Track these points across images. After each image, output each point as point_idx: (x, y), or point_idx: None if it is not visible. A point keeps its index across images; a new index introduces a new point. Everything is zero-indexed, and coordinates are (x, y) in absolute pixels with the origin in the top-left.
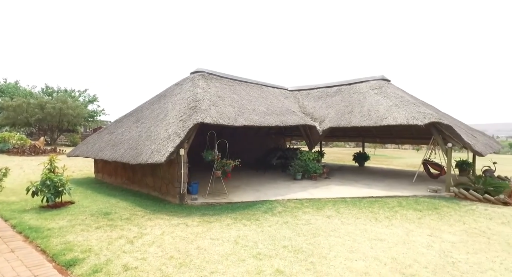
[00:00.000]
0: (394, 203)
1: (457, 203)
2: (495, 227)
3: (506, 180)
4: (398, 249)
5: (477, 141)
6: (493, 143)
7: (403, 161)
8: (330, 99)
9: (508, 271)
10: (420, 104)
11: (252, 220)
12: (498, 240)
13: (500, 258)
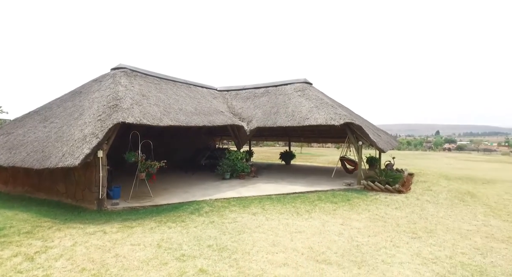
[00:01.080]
0: (315, 197)
1: (366, 194)
2: (390, 212)
3: (401, 172)
4: (314, 239)
5: (381, 139)
6: (393, 141)
7: (325, 158)
8: (258, 100)
9: (395, 247)
10: (337, 106)
11: (177, 222)
12: (391, 223)
13: (391, 237)
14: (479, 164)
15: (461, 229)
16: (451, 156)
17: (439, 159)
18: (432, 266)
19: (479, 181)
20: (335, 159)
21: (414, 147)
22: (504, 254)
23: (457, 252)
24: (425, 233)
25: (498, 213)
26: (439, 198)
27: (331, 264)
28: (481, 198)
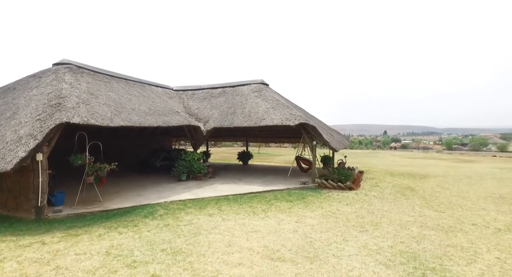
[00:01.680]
0: (271, 196)
1: (319, 192)
2: (342, 208)
3: (353, 170)
4: (270, 237)
5: (334, 139)
6: (345, 140)
7: (282, 158)
8: (215, 100)
9: (345, 241)
10: (293, 107)
11: (129, 226)
12: (342, 218)
13: (341, 232)
14: (418, 161)
15: (401, 220)
16: (396, 154)
17: (386, 157)
18: (376, 256)
19: (417, 176)
20: (291, 158)
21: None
22: (433, 240)
23: (397, 242)
24: (371, 226)
25: (431, 204)
26: (385, 193)
27: (285, 261)
28: (418, 192)
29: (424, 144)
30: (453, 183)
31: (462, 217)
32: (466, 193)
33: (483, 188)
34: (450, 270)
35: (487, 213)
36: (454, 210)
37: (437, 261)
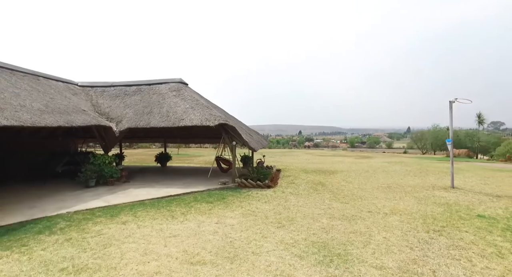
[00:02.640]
0: (191, 198)
1: (239, 191)
2: (261, 206)
3: (271, 169)
4: (189, 241)
5: (253, 139)
6: (263, 140)
7: (202, 159)
8: (129, 99)
9: (264, 238)
10: (212, 107)
11: (14, 247)
12: (261, 216)
13: (260, 229)
14: (328, 158)
15: (314, 214)
16: (310, 152)
17: (301, 155)
18: (292, 249)
19: (327, 172)
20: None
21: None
22: (339, 229)
23: (310, 234)
24: (288, 222)
25: (338, 197)
26: (299, 189)
27: (205, 264)
28: (328, 186)
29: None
30: (355, 177)
31: (361, 206)
32: (364, 185)
33: (376, 180)
34: (351, 254)
35: (379, 201)
36: (355, 201)
37: (342, 247)
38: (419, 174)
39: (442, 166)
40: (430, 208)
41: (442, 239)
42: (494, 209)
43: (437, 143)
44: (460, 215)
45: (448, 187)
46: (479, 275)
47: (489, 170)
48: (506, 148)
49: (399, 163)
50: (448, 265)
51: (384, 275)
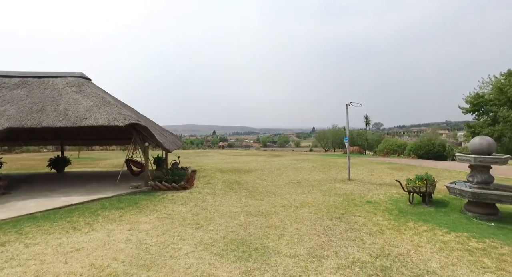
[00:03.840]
0: (97, 206)
1: (154, 195)
2: (177, 208)
3: (186, 169)
4: (97, 253)
5: (167, 140)
6: (178, 140)
7: (109, 162)
8: (10, 93)
9: (182, 240)
10: (121, 106)
11: None
12: (178, 218)
13: (178, 232)
14: (242, 158)
15: (231, 212)
16: (224, 152)
17: (216, 155)
18: (211, 249)
19: (242, 171)
20: (121, 162)
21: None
22: (256, 225)
23: (229, 232)
24: (206, 222)
25: (253, 195)
26: (216, 189)
27: (117, 276)
28: (244, 185)
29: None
30: (268, 174)
31: (275, 202)
32: (277, 181)
33: (287, 176)
34: (268, 246)
35: (290, 195)
36: (270, 197)
37: (259, 242)
38: (323, 169)
39: (341, 162)
40: (332, 198)
41: (342, 225)
42: (378, 195)
43: (336, 141)
44: (355, 203)
45: (346, 179)
46: (368, 250)
47: (374, 163)
48: (384, 144)
49: (306, 160)
50: (346, 246)
51: (297, 262)
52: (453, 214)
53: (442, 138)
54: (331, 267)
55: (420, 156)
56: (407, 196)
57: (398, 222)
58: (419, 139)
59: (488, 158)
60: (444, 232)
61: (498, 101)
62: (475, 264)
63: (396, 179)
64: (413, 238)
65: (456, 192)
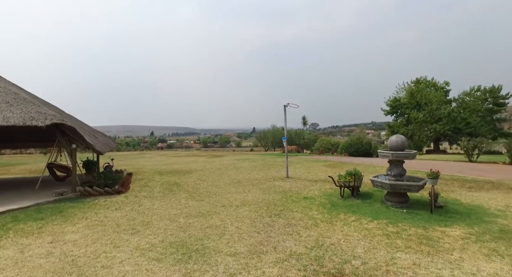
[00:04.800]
0: (8, 219)
1: (83, 201)
2: (110, 214)
3: (121, 173)
4: (7, 274)
5: (98, 141)
6: (111, 142)
7: (26, 167)
8: None
9: (116, 247)
10: (41, 104)
11: None
12: (111, 225)
13: (111, 239)
14: (182, 159)
15: (170, 215)
16: (163, 153)
17: (154, 157)
18: (148, 254)
19: (182, 173)
20: (40, 167)
21: (133, 147)
22: (196, 226)
23: (168, 235)
24: (143, 227)
25: (193, 196)
26: (154, 192)
27: None
28: (183, 186)
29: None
30: (209, 175)
31: (215, 202)
32: (218, 182)
33: (228, 176)
34: (209, 247)
35: (231, 195)
36: (210, 197)
37: (199, 242)
38: (263, 168)
39: (280, 161)
40: (272, 196)
41: (280, 221)
42: (313, 191)
43: (276, 141)
44: (293, 199)
45: (284, 177)
46: (304, 242)
47: (310, 161)
48: (320, 144)
49: (246, 160)
50: (284, 240)
51: (237, 259)
52: (376, 204)
53: (369, 137)
54: (270, 261)
55: (351, 153)
56: (339, 190)
57: (331, 215)
58: (349, 138)
59: (402, 154)
60: (368, 220)
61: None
62: (391, 246)
63: (329, 176)
64: (343, 229)
65: (378, 185)
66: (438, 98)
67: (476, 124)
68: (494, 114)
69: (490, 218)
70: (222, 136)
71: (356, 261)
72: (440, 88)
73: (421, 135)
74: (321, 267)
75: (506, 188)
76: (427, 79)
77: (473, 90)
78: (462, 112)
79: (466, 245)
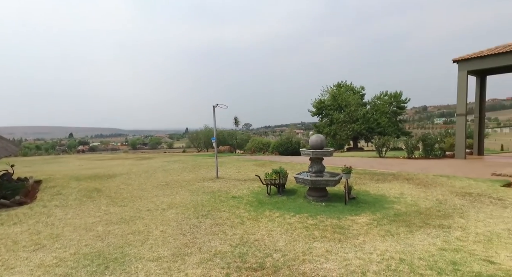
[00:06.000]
0: None
1: None
2: (6, 230)
3: (25, 181)
4: None
5: None
6: (11, 146)
7: None
8: None
9: (10, 269)
10: None
11: None
12: (6, 243)
13: (3, 260)
14: (106, 162)
15: (87, 223)
16: (84, 157)
17: (72, 162)
18: (55, 270)
19: (104, 177)
20: None
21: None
22: (117, 233)
23: (81, 246)
24: (50, 240)
25: (116, 201)
26: (69, 200)
27: None
28: (105, 192)
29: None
30: (135, 178)
31: (141, 206)
32: (144, 185)
33: (156, 179)
34: (129, 254)
35: (158, 198)
36: (135, 202)
37: (119, 251)
38: (193, 169)
39: (211, 161)
40: (200, 197)
41: (207, 221)
42: (242, 190)
43: (208, 142)
44: (221, 199)
45: (214, 178)
46: (229, 241)
47: (241, 161)
48: (252, 143)
49: (177, 161)
50: (210, 240)
51: (160, 264)
52: (299, 200)
53: (298, 137)
54: (194, 262)
55: (281, 152)
56: (266, 188)
57: (257, 212)
58: (280, 138)
59: (321, 152)
60: (291, 215)
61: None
62: (309, 237)
63: (256, 174)
64: (268, 225)
65: (301, 181)
66: (356, 101)
67: (385, 124)
68: (398, 115)
69: (389, 204)
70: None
71: (277, 254)
72: (357, 92)
73: (342, 134)
74: (244, 263)
75: (402, 179)
76: (347, 84)
77: (382, 94)
78: (374, 113)
79: (369, 229)
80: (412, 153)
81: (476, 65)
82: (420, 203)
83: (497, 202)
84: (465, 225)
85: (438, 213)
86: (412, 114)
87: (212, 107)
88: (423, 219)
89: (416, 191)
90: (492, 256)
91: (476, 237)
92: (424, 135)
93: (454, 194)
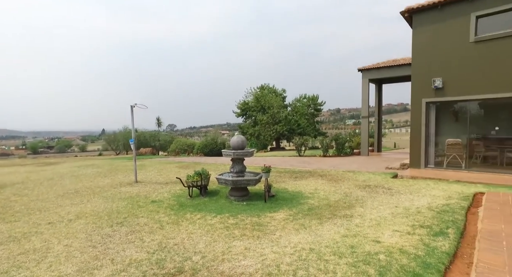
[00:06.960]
0: None
1: None
2: None
3: None
4: None
5: None
6: None
7: None
8: None
9: None
10: None
11: None
12: None
13: None
14: None
15: None
16: None
17: None
18: None
19: None
20: None
21: None
22: (1, 256)
23: None
24: None
25: (3, 217)
26: None
27: None
28: None
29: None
30: (33, 188)
31: (39, 220)
32: (46, 194)
33: (62, 186)
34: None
35: (63, 208)
36: (31, 215)
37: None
38: (109, 174)
39: (130, 164)
40: (116, 204)
41: (123, 229)
42: (163, 194)
43: (128, 144)
44: (139, 204)
45: (133, 182)
46: (146, 248)
47: (164, 163)
48: (176, 145)
49: (90, 166)
50: (125, 250)
51: None
52: (221, 200)
53: (224, 137)
54: (104, 276)
55: (206, 153)
56: (188, 191)
57: (178, 215)
58: (205, 138)
59: (242, 152)
60: (212, 216)
61: (256, 108)
62: (229, 236)
63: (177, 177)
64: (188, 227)
65: (222, 182)
66: (278, 103)
67: (304, 125)
68: (315, 117)
69: (304, 200)
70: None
71: (196, 257)
72: (279, 94)
73: (265, 135)
74: (161, 269)
75: (317, 175)
76: (269, 86)
77: (302, 97)
78: (295, 115)
79: (286, 224)
80: (327, 152)
81: (375, 74)
82: (330, 197)
83: (387, 192)
84: (363, 213)
85: (344, 205)
86: (327, 115)
87: (130, 107)
88: (331, 211)
89: (328, 186)
90: (379, 236)
91: (370, 222)
92: (336, 135)
93: (357, 187)
